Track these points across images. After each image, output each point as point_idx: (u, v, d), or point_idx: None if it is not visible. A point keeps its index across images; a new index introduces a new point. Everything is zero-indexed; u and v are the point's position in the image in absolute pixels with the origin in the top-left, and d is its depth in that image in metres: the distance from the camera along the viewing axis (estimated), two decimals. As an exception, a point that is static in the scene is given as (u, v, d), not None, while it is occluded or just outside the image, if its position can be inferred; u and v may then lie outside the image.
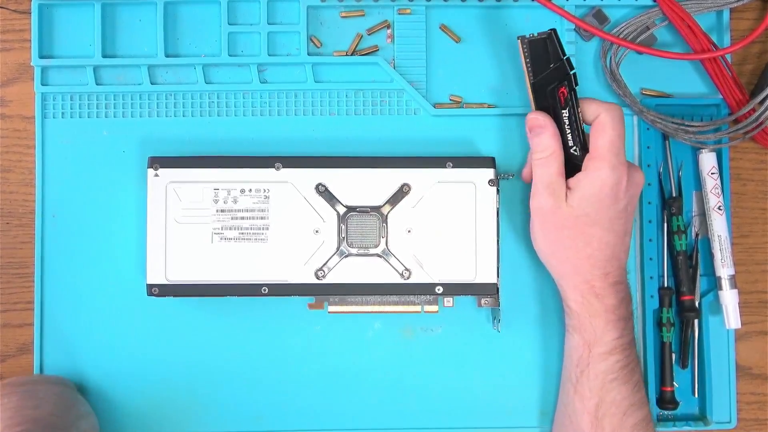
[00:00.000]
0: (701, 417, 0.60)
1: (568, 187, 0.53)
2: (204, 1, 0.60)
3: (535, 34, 0.54)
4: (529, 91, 0.55)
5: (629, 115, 0.60)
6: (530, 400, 0.60)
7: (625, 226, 0.53)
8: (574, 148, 0.54)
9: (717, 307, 0.60)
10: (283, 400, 0.59)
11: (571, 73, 0.53)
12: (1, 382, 0.54)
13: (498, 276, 0.56)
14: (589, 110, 0.53)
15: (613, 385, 0.52)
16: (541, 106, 0.54)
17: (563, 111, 0.53)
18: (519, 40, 0.54)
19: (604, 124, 0.51)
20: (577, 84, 0.53)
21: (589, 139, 0.53)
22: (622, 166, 0.52)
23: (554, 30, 0.53)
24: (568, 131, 0.54)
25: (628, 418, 0.52)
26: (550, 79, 0.53)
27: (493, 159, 0.56)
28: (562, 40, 0.54)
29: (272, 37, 0.60)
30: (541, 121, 0.53)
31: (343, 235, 0.56)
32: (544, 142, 0.53)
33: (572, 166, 0.53)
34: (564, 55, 0.53)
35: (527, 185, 0.59)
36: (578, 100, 0.53)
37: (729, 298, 0.59)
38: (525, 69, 0.54)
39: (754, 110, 0.59)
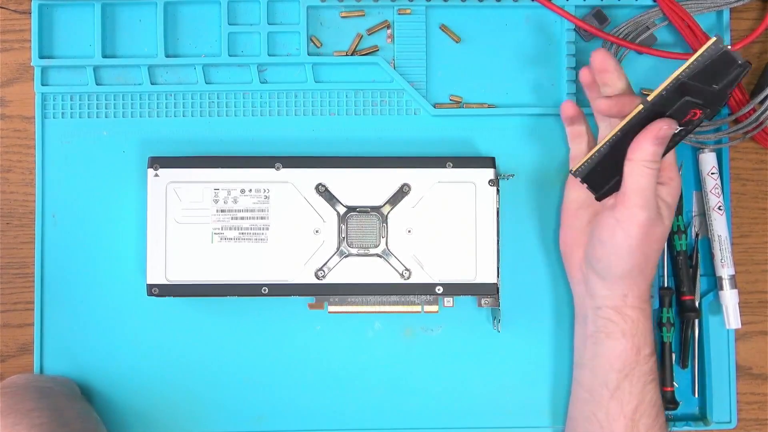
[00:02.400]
0: (701, 417, 0.60)
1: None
2: (204, 1, 0.60)
3: (734, 52, 0.47)
4: (667, 82, 0.48)
5: (629, 115, 0.60)
6: (530, 399, 0.60)
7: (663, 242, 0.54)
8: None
9: (717, 307, 0.60)
10: (284, 400, 0.59)
11: (719, 107, 0.49)
12: (22, 398, 0.52)
13: (498, 276, 0.56)
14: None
15: (652, 386, 0.53)
16: (657, 101, 0.48)
17: (680, 127, 0.49)
18: (715, 38, 0.47)
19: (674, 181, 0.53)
20: (710, 119, 0.50)
21: None
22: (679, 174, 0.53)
23: (749, 64, 0.47)
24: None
25: (660, 417, 0.53)
26: (698, 94, 0.48)
27: (493, 159, 0.56)
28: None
29: (272, 37, 0.60)
30: (670, 134, 0.49)
31: (343, 235, 0.56)
32: (661, 153, 0.49)
33: None
34: (732, 88, 0.48)
35: (527, 185, 0.59)
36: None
37: (729, 298, 0.59)
38: (688, 63, 0.47)
39: (754, 110, 0.59)
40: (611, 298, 0.53)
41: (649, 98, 0.49)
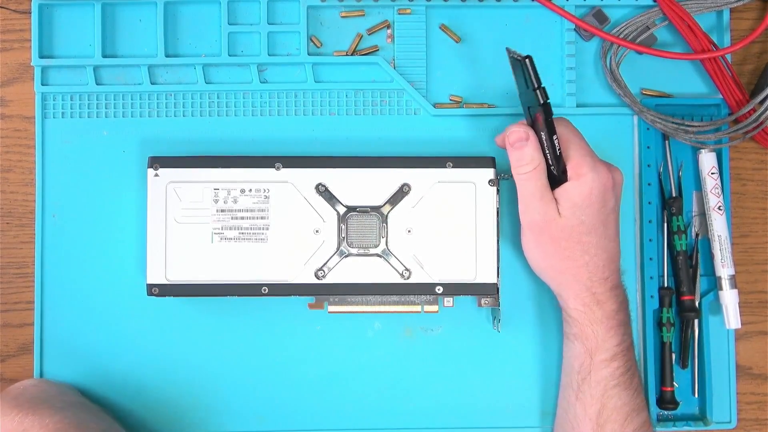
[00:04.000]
0: (701, 417, 0.60)
1: (555, 199, 0.52)
2: (204, 1, 0.60)
3: (517, 52, 0.51)
4: (522, 105, 0.53)
5: (629, 115, 0.60)
6: (530, 400, 0.60)
7: (615, 227, 0.53)
8: (553, 167, 0.52)
9: (717, 307, 0.60)
10: (284, 400, 0.59)
11: (545, 103, 0.50)
12: (52, 421, 0.51)
13: (498, 276, 0.56)
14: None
15: (615, 391, 0.52)
16: (530, 121, 0.53)
17: (541, 133, 0.52)
18: (507, 52, 0.52)
19: (567, 136, 0.52)
20: (551, 114, 0.51)
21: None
22: (602, 167, 0.52)
23: (530, 57, 0.50)
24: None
25: (630, 424, 0.52)
26: (530, 101, 0.51)
27: (493, 159, 0.56)
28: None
29: (272, 37, 0.60)
30: (522, 133, 0.52)
31: (343, 235, 0.56)
32: (528, 154, 0.52)
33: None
34: (539, 84, 0.50)
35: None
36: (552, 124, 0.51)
37: (729, 298, 0.59)
38: (516, 84, 0.53)
39: (754, 110, 0.59)
40: (558, 300, 0.55)
41: (528, 121, 0.53)
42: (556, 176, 0.52)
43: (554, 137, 0.51)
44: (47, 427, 0.50)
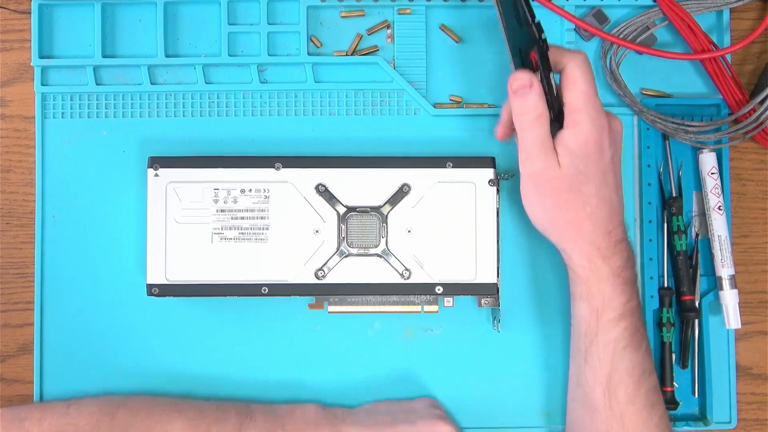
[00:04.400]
0: (701, 417, 0.60)
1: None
2: (204, 1, 0.60)
3: None
4: (508, 49, 0.51)
5: (629, 115, 0.60)
6: (530, 400, 0.60)
7: (616, 179, 0.51)
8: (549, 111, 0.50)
9: (717, 307, 0.60)
10: (283, 400, 0.59)
11: (541, 39, 0.49)
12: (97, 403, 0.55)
13: (498, 276, 0.56)
14: (557, 62, 0.50)
15: (625, 353, 0.50)
16: (521, 66, 0.51)
17: (535, 74, 0.50)
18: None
19: (574, 77, 0.49)
20: (548, 48, 0.49)
21: (561, 96, 0.50)
22: (600, 116, 0.49)
23: None
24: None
25: (642, 385, 0.51)
26: (523, 40, 0.50)
27: (493, 159, 0.56)
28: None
29: (272, 37, 0.60)
30: (526, 80, 0.49)
31: (343, 235, 0.56)
32: (532, 102, 0.49)
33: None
34: (533, 18, 0.48)
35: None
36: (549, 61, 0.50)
37: (729, 298, 0.59)
38: (502, 27, 0.51)
39: (754, 110, 0.59)
40: (563, 257, 0.53)
41: (514, 68, 0.51)
42: (551, 118, 0.50)
43: (551, 75, 0.50)
44: (91, 416, 0.53)
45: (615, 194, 0.51)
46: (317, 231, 0.56)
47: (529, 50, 0.50)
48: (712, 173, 0.59)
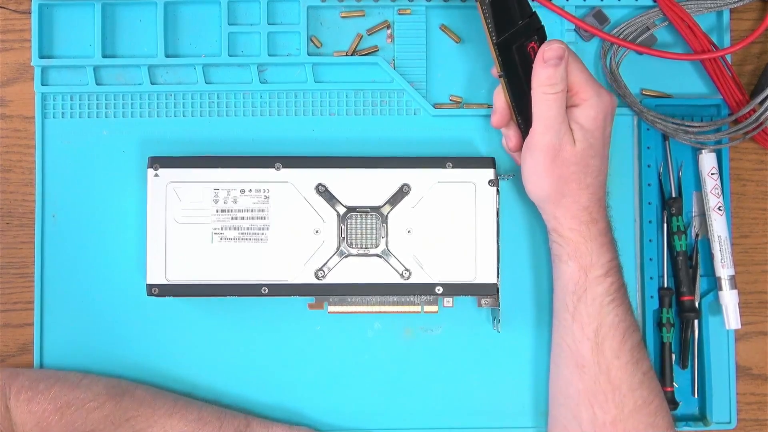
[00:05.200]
0: (701, 417, 0.60)
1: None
2: (204, 1, 0.60)
3: None
4: (493, 51, 0.52)
5: (629, 116, 0.60)
6: (530, 400, 0.60)
7: (607, 150, 0.54)
8: None
9: (717, 308, 0.60)
10: (283, 400, 0.59)
11: (538, 29, 0.52)
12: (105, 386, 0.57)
13: (498, 276, 0.56)
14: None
15: (611, 308, 0.53)
16: (506, 66, 0.52)
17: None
18: (477, 1, 0.52)
19: (569, 60, 0.51)
20: (546, 39, 0.52)
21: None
22: (603, 91, 0.52)
23: None
24: None
25: (627, 341, 0.53)
26: (517, 37, 0.52)
27: (493, 159, 0.56)
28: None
29: (272, 37, 0.60)
30: (561, 51, 0.51)
31: (343, 236, 0.56)
32: (560, 74, 0.51)
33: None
34: (532, 9, 0.52)
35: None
36: None
37: (729, 298, 0.59)
38: (487, 30, 0.52)
39: (754, 110, 0.59)
40: (549, 221, 0.54)
41: (499, 71, 0.53)
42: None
43: None
44: (99, 395, 0.55)
45: (606, 164, 0.54)
46: (317, 231, 0.56)
47: (527, 43, 0.52)
48: (712, 173, 0.59)
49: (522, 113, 0.54)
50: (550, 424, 0.57)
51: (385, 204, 0.56)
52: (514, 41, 0.52)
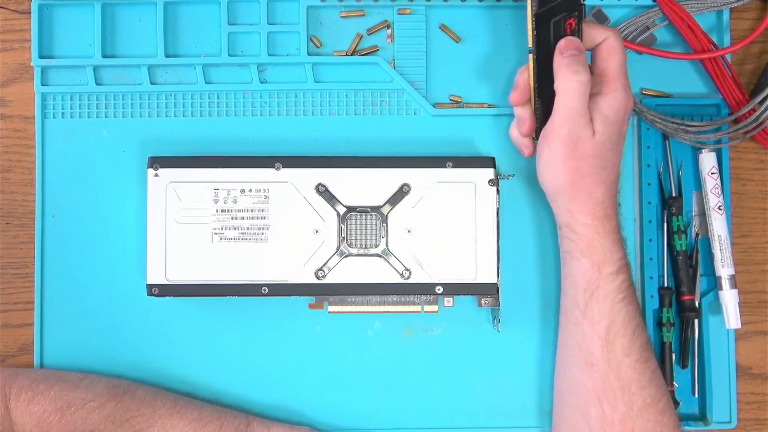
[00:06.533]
0: (701, 417, 0.60)
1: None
2: (204, 1, 0.60)
3: None
4: (530, 23, 0.50)
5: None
6: (530, 400, 0.60)
7: (621, 147, 0.53)
8: None
9: (717, 307, 0.60)
10: (283, 400, 0.59)
11: (583, 3, 0.52)
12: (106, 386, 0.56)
13: (498, 276, 0.56)
14: (594, 34, 0.52)
15: (622, 305, 0.52)
16: (540, 42, 0.51)
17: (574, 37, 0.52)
18: None
19: (615, 47, 0.51)
20: (584, 16, 0.52)
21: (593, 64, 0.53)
22: (629, 87, 0.52)
23: None
24: None
25: (637, 339, 0.52)
26: (557, 11, 0.51)
27: (493, 159, 0.56)
28: None
29: (272, 37, 0.60)
30: (579, 44, 0.51)
31: (343, 235, 0.56)
32: (583, 62, 0.51)
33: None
34: None
35: (527, 185, 0.59)
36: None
37: (729, 298, 0.59)
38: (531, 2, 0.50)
39: (754, 110, 0.59)
40: (561, 215, 0.54)
41: (530, 45, 0.51)
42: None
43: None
44: (100, 395, 0.55)
45: (620, 160, 0.54)
46: (317, 231, 0.56)
47: (566, 18, 0.51)
48: (712, 173, 0.59)
49: (542, 96, 0.53)
50: (555, 423, 0.57)
51: (385, 204, 0.56)
52: (554, 14, 0.51)
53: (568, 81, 0.50)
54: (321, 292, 0.56)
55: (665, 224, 0.60)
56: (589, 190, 0.52)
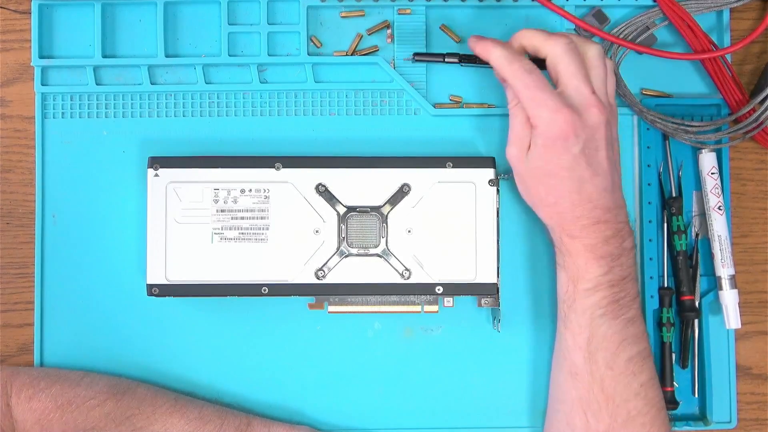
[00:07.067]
0: (701, 417, 0.60)
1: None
2: (204, 1, 0.60)
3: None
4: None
5: (629, 115, 0.60)
6: (530, 399, 0.60)
7: (591, 169, 0.50)
8: None
9: (717, 307, 0.60)
10: (283, 400, 0.59)
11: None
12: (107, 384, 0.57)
13: (498, 276, 0.56)
14: (533, 48, 0.52)
15: (603, 320, 0.52)
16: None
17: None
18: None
19: (553, 63, 0.51)
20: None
21: None
22: (566, 109, 0.49)
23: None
24: None
25: (622, 353, 0.52)
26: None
27: (493, 159, 0.56)
28: None
29: (272, 37, 0.60)
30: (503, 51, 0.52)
31: (343, 235, 0.56)
32: (509, 93, 0.53)
33: None
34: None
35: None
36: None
37: (729, 298, 0.59)
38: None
39: (754, 110, 0.59)
40: (548, 229, 0.54)
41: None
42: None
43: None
44: (100, 393, 0.55)
45: (589, 183, 0.50)
46: (317, 231, 0.56)
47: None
48: (712, 173, 0.59)
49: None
50: (546, 429, 0.57)
51: (385, 204, 0.56)
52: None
53: (511, 106, 0.52)
54: (321, 292, 0.56)
55: (665, 224, 0.60)
56: (544, 212, 0.53)
